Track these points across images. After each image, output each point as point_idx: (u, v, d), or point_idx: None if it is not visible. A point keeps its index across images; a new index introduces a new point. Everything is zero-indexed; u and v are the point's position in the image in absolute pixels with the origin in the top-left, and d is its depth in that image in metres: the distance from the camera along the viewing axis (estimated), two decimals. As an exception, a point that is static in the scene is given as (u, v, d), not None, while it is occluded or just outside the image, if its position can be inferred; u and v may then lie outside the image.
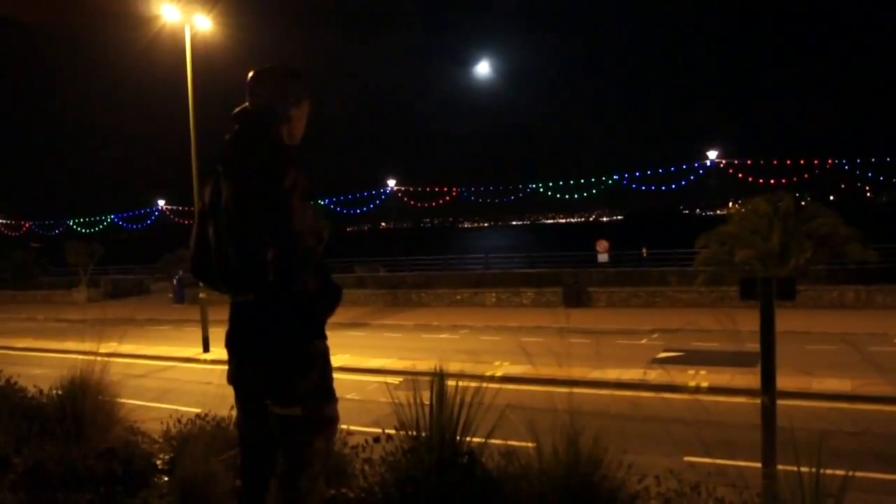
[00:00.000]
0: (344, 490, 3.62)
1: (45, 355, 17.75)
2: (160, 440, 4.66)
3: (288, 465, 2.47)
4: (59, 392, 4.73)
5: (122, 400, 4.93)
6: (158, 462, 4.29)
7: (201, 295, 18.91)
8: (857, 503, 2.89)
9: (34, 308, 31.79)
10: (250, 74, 2.63)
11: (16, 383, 5.81)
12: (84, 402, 4.52)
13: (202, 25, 19.27)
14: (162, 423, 4.78)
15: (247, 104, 2.61)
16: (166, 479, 4.02)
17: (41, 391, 5.35)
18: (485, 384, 3.52)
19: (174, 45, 19.42)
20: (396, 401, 3.52)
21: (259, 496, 2.56)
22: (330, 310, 2.51)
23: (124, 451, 4.26)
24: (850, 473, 2.74)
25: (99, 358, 4.80)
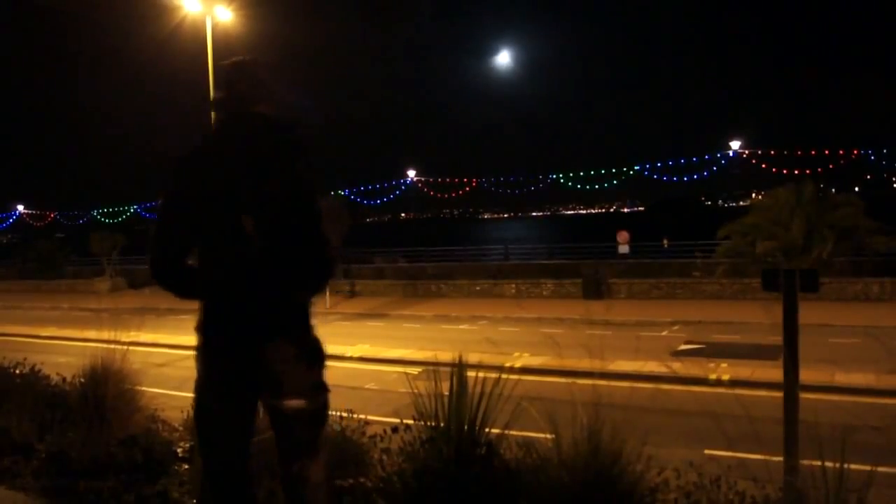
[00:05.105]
0: (362, 479, 3.63)
1: (69, 343, 17.99)
2: (180, 428, 4.70)
3: (298, 458, 2.46)
4: (82, 380, 4.78)
5: (143, 388, 4.97)
6: (179, 450, 4.33)
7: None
8: (882, 499, 2.84)
9: (58, 297, 32.20)
10: (229, 69, 2.79)
11: (40, 371, 5.90)
12: (106, 391, 4.57)
13: (223, 17, 19.39)
14: (182, 411, 4.80)
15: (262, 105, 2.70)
16: (186, 467, 4.05)
17: (64, 379, 5.43)
18: (504, 375, 3.51)
19: (195, 37, 19.55)
20: (415, 391, 3.51)
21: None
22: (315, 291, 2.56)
23: (145, 439, 4.30)
24: (875, 468, 2.69)
25: (120, 346, 4.85)
